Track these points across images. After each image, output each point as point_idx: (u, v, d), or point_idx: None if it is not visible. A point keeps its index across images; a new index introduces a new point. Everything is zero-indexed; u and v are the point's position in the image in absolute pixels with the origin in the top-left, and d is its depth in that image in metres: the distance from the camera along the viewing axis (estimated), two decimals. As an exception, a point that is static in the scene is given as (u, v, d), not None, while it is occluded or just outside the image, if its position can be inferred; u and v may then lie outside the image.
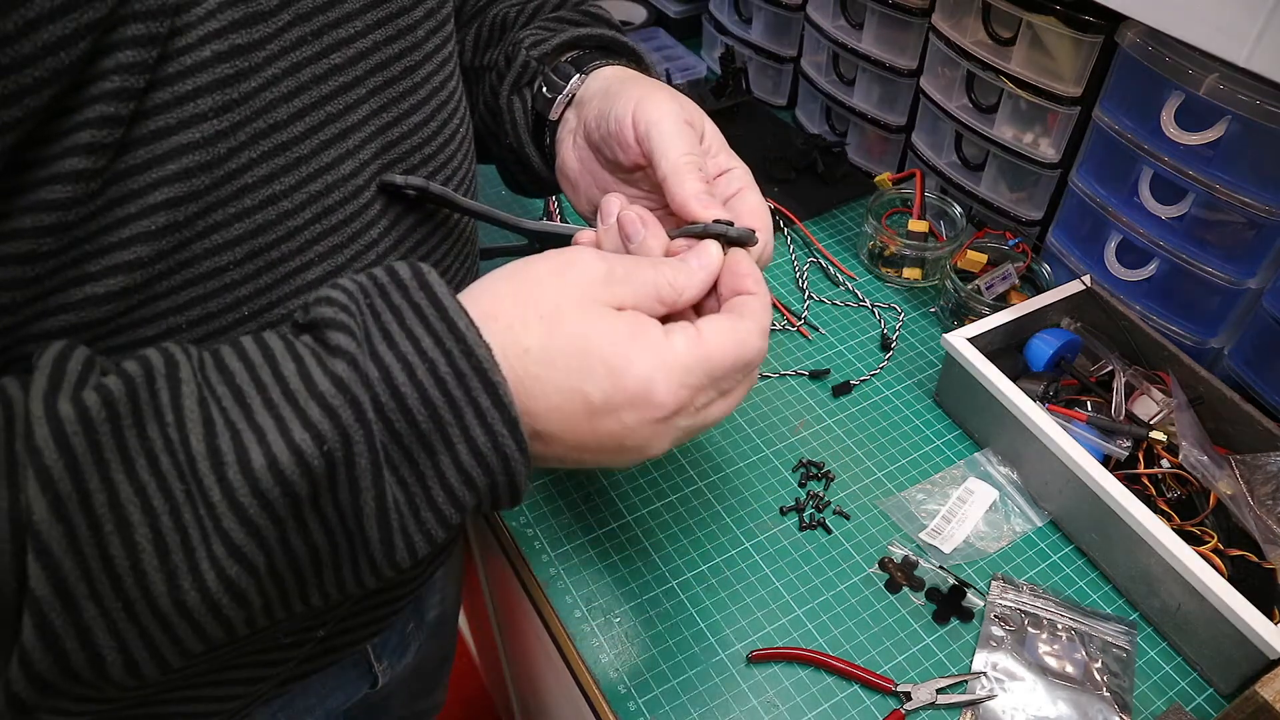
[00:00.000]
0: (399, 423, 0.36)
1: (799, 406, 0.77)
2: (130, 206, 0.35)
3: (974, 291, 0.81)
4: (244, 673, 0.51)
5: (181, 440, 0.33)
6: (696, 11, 1.23)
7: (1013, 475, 0.72)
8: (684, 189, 0.46)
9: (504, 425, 0.36)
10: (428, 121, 0.48)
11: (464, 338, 0.36)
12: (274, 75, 0.39)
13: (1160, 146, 0.70)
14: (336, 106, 0.42)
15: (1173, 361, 0.71)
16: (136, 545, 0.32)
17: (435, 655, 0.79)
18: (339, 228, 0.44)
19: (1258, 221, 0.66)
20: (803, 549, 0.67)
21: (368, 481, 0.35)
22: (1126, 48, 0.70)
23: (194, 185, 0.37)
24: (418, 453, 0.36)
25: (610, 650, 0.61)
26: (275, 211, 0.40)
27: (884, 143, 1.01)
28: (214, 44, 0.36)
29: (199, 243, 0.38)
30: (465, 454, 0.37)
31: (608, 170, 0.52)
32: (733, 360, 0.40)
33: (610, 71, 0.55)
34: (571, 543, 0.67)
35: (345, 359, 0.35)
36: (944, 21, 0.86)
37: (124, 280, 0.36)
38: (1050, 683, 0.59)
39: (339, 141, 0.43)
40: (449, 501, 0.37)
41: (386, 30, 0.44)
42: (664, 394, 0.38)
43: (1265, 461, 0.64)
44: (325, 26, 0.41)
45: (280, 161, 0.40)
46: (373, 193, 0.45)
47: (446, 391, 0.36)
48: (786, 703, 0.58)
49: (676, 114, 0.48)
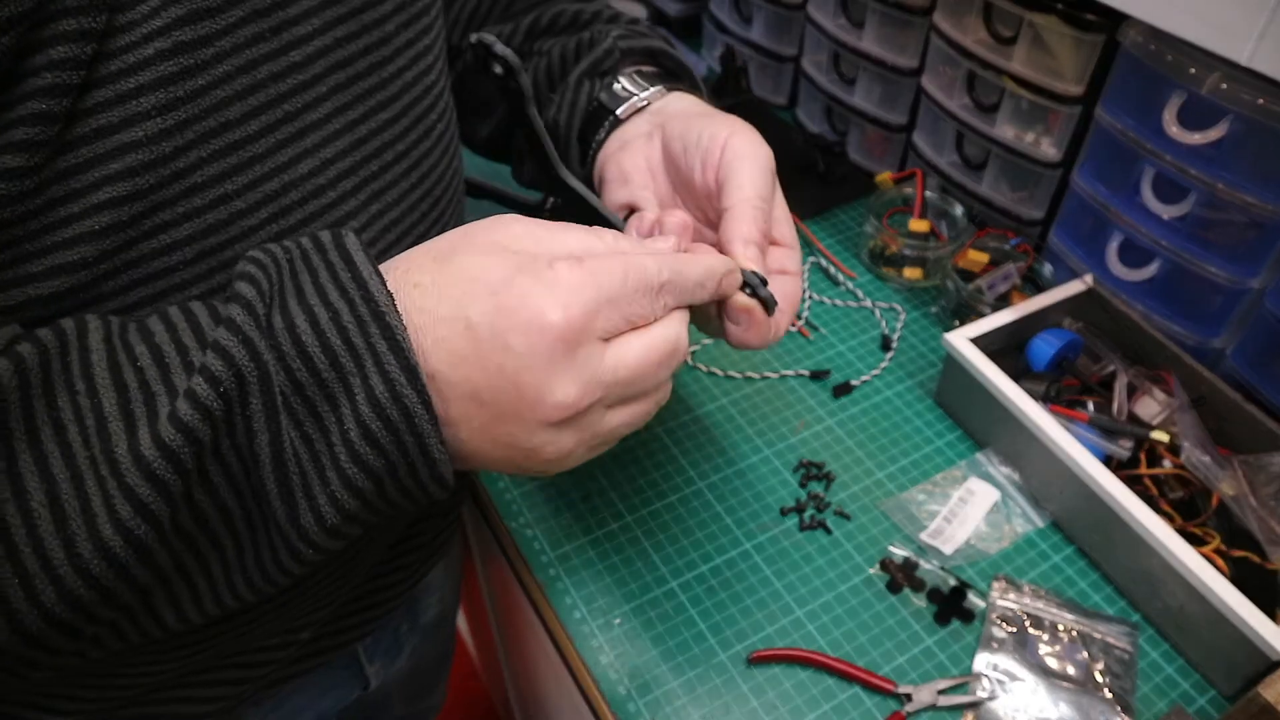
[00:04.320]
0: (300, 371, 0.35)
1: (799, 407, 0.77)
2: (73, 205, 0.35)
3: (975, 291, 0.81)
4: (229, 674, 0.51)
5: (94, 407, 0.33)
6: (696, 10, 1.23)
7: (1014, 476, 0.71)
8: (739, 228, 0.45)
9: (401, 372, 0.35)
10: (399, 118, 0.47)
11: (365, 284, 0.36)
12: (225, 73, 0.38)
13: (1162, 146, 0.69)
14: (295, 104, 0.41)
15: (1175, 361, 0.71)
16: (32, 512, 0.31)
17: (434, 656, 0.79)
18: (297, 227, 0.43)
19: (1260, 221, 0.65)
20: (803, 550, 0.67)
21: (260, 423, 0.34)
22: (1128, 47, 0.70)
23: (138, 184, 0.36)
24: (320, 403, 0.35)
25: (610, 651, 0.61)
26: (227, 211, 0.40)
27: (885, 142, 1.01)
28: (157, 41, 0.35)
29: (146, 242, 0.37)
30: (364, 405, 0.35)
31: (673, 181, 0.52)
32: (621, 278, 0.37)
33: (693, 99, 0.56)
34: (571, 543, 0.67)
35: (241, 304, 0.35)
36: (945, 20, 0.85)
37: (68, 280, 0.36)
38: (1052, 684, 0.59)
39: (296, 140, 0.42)
40: (351, 459, 0.35)
41: (349, 26, 0.43)
42: (550, 310, 0.35)
43: (1268, 462, 0.64)
44: (284, 23, 0.40)
45: (233, 160, 0.39)
46: (337, 193, 0.44)
47: (348, 339, 0.35)
48: (787, 704, 0.58)
49: (766, 160, 0.48)
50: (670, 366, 0.40)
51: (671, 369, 0.41)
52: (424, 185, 0.50)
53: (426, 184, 0.51)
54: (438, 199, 0.52)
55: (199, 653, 0.48)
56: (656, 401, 0.42)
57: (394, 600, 0.62)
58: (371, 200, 0.47)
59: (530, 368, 0.36)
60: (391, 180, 0.48)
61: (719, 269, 0.43)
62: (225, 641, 0.49)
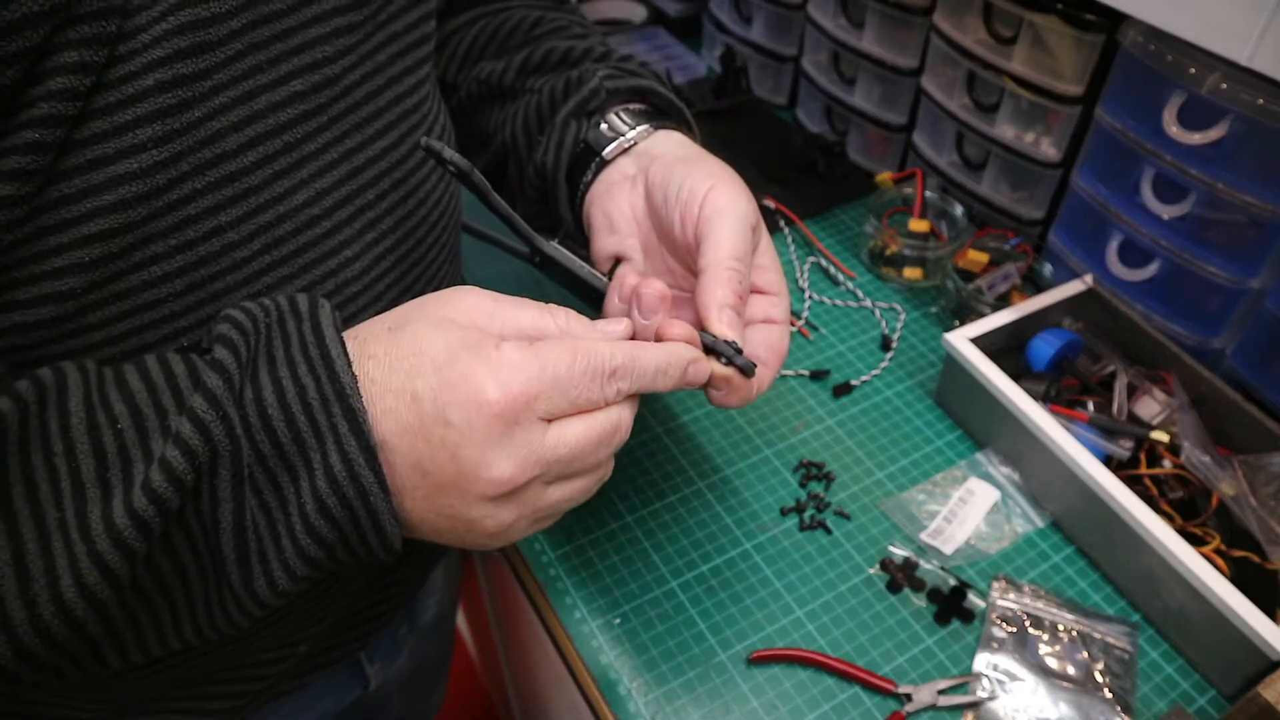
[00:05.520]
0: (264, 443, 0.35)
1: (799, 407, 0.77)
2: (63, 236, 0.35)
3: (975, 291, 0.81)
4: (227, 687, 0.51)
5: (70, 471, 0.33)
6: (696, 10, 1.23)
7: (1014, 476, 0.71)
8: (713, 295, 0.45)
9: (360, 453, 0.35)
10: (395, 146, 0.47)
11: (332, 365, 0.36)
12: (223, 104, 0.38)
13: (1162, 146, 0.69)
14: (294, 135, 0.41)
15: (1175, 361, 0.71)
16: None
17: (434, 656, 0.79)
18: (290, 259, 0.43)
19: (1260, 221, 0.65)
20: (803, 550, 0.67)
21: (226, 494, 0.35)
22: (1128, 47, 0.70)
23: (130, 217, 0.36)
24: (280, 474, 0.36)
25: (610, 651, 0.61)
26: (220, 243, 0.40)
27: (885, 142, 1.01)
28: (157, 73, 0.35)
29: (136, 274, 0.37)
30: (322, 480, 0.35)
31: (656, 231, 0.51)
32: (568, 362, 0.38)
33: (680, 138, 0.54)
34: (571, 543, 0.67)
35: (219, 372, 0.35)
36: (945, 20, 0.85)
37: (54, 310, 0.36)
38: (1052, 684, 0.59)
39: (293, 171, 0.42)
40: (306, 531, 0.36)
41: (351, 58, 0.44)
42: (490, 388, 0.36)
43: (1268, 462, 0.64)
44: (283, 54, 0.40)
45: (228, 192, 0.39)
46: (332, 223, 0.44)
47: (312, 417, 0.35)
48: (787, 704, 0.58)
49: (743, 215, 0.47)
50: (610, 447, 0.41)
51: (612, 449, 0.41)
52: (419, 213, 0.50)
53: (422, 211, 0.50)
54: (433, 225, 0.52)
55: (194, 668, 0.48)
56: (598, 479, 0.42)
57: (392, 612, 0.62)
58: (366, 229, 0.46)
59: (469, 442, 0.36)
60: (387, 209, 0.48)
61: (683, 358, 0.42)
62: (220, 657, 0.49)
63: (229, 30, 0.37)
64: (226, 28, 0.37)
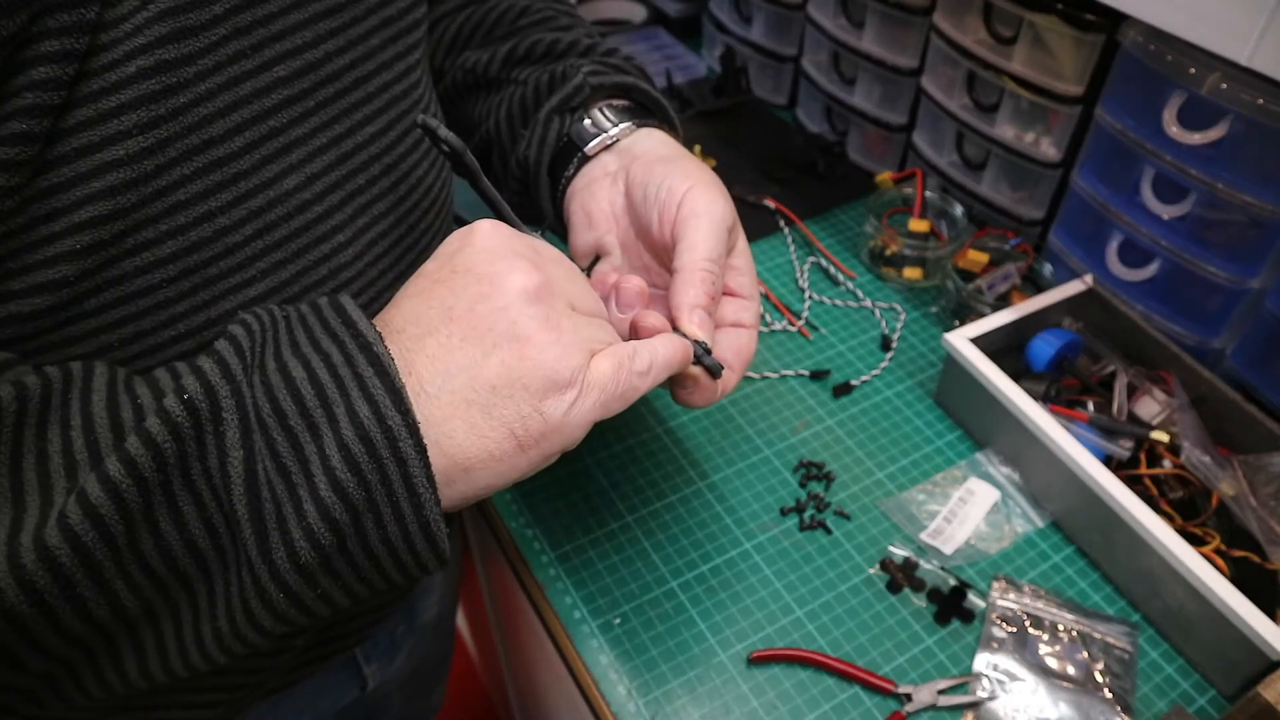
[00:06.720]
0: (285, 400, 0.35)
1: (799, 407, 0.77)
2: (54, 225, 0.35)
3: (975, 291, 0.81)
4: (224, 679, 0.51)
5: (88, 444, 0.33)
6: (696, 10, 1.23)
7: (1014, 476, 0.71)
8: (686, 296, 0.45)
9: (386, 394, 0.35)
10: (386, 131, 0.47)
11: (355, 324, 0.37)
12: (208, 90, 0.38)
13: (1162, 146, 0.69)
14: (280, 120, 0.41)
15: (1175, 361, 0.71)
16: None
17: (433, 656, 0.79)
18: (283, 243, 0.43)
19: (1260, 221, 0.65)
20: (803, 550, 0.67)
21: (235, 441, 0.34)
22: (1128, 47, 0.70)
23: (120, 203, 0.36)
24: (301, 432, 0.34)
25: (610, 651, 0.61)
26: (212, 228, 0.40)
27: (885, 142, 1.01)
28: (140, 59, 0.35)
29: (128, 260, 0.37)
30: (348, 428, 0.34)
31: (634, 228, 0.52)
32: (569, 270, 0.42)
33: (662, 137, 0.55)
34: (571, 543, 0.67)
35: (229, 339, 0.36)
36: (945, 20, 0.85)
37: (48, 299, 0.36)
38: (1052, 684, 0.59)
39: (281, 155, 0.42)
40: (331, 487, 0.34)
41: (337, 41, 0.44)
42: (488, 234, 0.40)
43: (1268, 462, 0.64)
44: (267, 40, 0.40)
45: (216, 177, 0.39)
46: (324, 207, 0.44)
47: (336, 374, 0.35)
48: (787, 704, 0.58)
49: (720, 217, 0.47)
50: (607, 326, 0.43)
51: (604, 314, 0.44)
52: (412, 198, 0.50)
53: (414, 196, 0.50)
54: (425, 211, 0.52)
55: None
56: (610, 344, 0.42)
57: (388, 606, 0.62)
58: (358, 214, 0.46)
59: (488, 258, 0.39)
60: (379, 193, 0.48)
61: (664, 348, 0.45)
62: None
63: (211, 15, 0.38)
64: (209, 13, 0.37)
